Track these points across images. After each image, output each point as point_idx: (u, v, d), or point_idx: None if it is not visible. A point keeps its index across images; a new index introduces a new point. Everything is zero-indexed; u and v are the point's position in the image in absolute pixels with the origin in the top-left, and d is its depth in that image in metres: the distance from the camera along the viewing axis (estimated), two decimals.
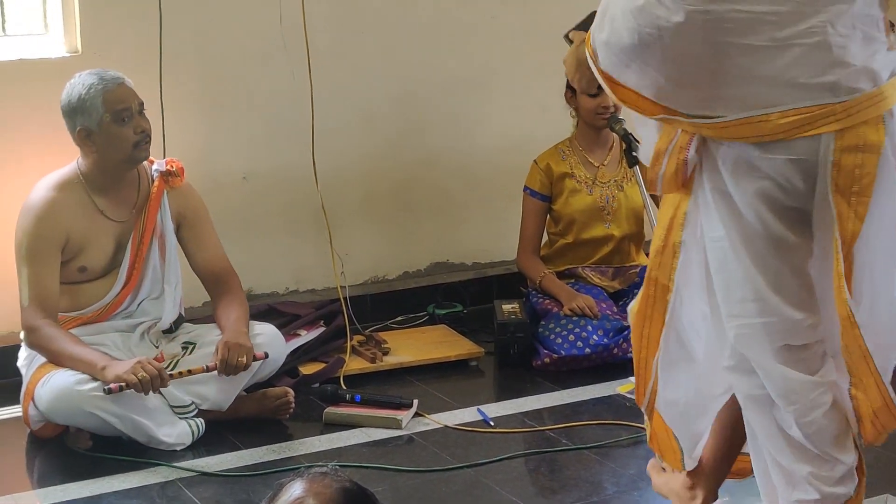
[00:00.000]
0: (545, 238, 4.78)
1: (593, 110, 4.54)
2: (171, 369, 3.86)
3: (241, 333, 3.91)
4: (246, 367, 3.82)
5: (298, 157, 4.67)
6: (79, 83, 3.86)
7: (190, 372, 3.81)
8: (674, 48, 2.60)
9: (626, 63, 2.70)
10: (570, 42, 3.08)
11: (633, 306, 2.99)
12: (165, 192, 4.02)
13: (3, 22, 4.38)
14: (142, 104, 3.90)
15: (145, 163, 3.99)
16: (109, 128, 3.83)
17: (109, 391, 3.64)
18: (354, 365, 4.37)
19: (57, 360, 3.79)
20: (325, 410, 4.01)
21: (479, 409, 4.06)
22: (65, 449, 3.79)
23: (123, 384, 3.64)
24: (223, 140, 4.65)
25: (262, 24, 4.62)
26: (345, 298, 4.61)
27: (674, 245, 2.84)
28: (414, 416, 4.00)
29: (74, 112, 3.85)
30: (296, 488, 1.82)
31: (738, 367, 2.83)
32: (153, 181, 4.01)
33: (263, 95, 4.68)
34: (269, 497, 1.84)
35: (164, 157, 4.14)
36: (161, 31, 4.40)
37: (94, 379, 3.70)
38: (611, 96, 2.84)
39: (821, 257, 2.73)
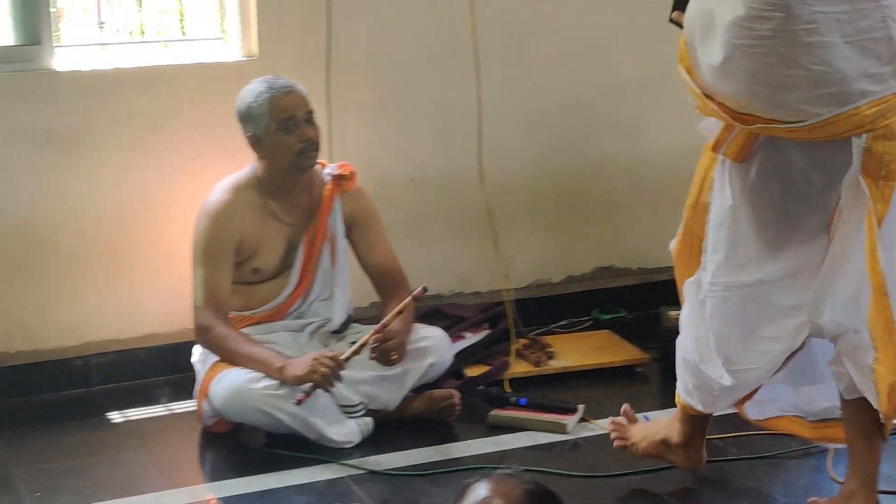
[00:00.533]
0: None
1: None
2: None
3: (404, 332, 3.95)
4: (395, 361, 3.85)
5: (465, 159, 4.70)
6: (250, 91, 3.96)
7: (360, 349, 3.84)
8: (768, 55, 2.88)
9: (723, 77, 2.98)
10: (678, 25, 3.28)
11: (673, 245, 3.45)
12: (337, 195, 4.08)
13: (183, 27, 4.51)
14: (310, 112, 3.97)
15: (318, 166, 4.06)
16: (275, 136, 3.91)
17: (299, 402, 3.72)
18: (519, 368, 4.37)
19: (230, 359, 3.88)
20: (491, 413, 4.03)
21: (644, 416, 4.02)
22: (238, 444, 3.89)
23: (309, 389, 3.71)
24: (390, 143, 4.70)
25: (430, 28, 4.66)
26: (509, 302, 4.62)
27: (703, 204, 3.29)
28: (579, 422, 4.00)
29: (245, 119, 3.95)
30: (481, 489, 1.84)
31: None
32: (325, 185, 4.08)
33: (431, 98, 4.72)
34: (455, 497, 1.86)
35: (331, 160, 4.22)
36: (329, 36, 4.48)
37: (268, 377, 3.78)
38: (703, 110, 3.15)
39: (849, 233, 3.03)
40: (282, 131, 3.91)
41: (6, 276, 4.22)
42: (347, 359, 3.82)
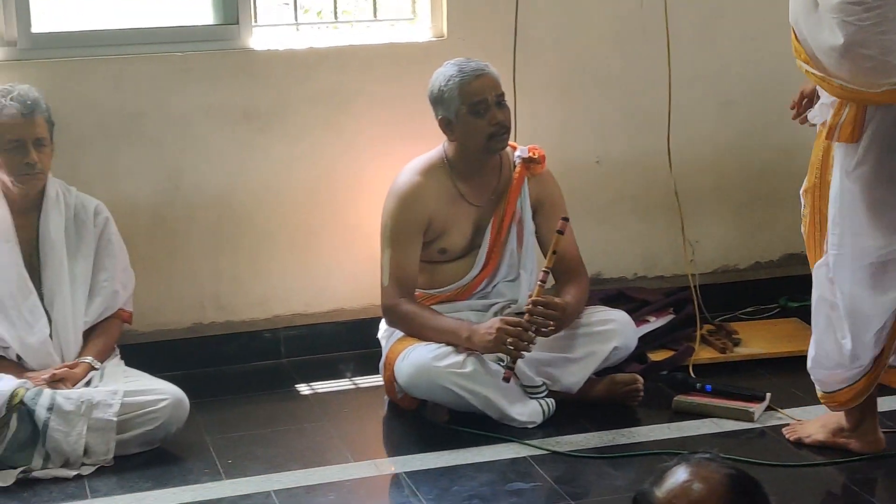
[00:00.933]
0: None
1: None
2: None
3: (572, 314, 3.95)
4: (547, 331, 3.84)
5: (653, 141, 4.65)
6: (442, 74, 3.98)
7: (532, 307, 3.84)
8: (880, 24, 3.08)
9: (843, 57, 3.17)
10: None
11: (803, 230, 3.67)
12: (526, 178, 4.08)
13: (375, 8, 4.56)
14: (500, 95, 3.97)
15: (508, 148, 4.07)
16: (466, 119, 3.93)
17: (507, 380, 3.77)
18: (704, 354, 4.32)
19: (418, 334, 3.93)
20: (675, 398, 3.99)
21: None
22: (422, 420, 3.94)
23: (509, 363, 3.75)
24: (576, 124, 4.68)
25: (620, 8, 4.62)
26: (694, 287, 4.57)
27: (827, 182, 3.49)
28: (766, 410, 3.93)
29: (436, 102, 3.98)
30: (681, 473, 1.82)
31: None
32: (515, 167, 4.08)
33: (619, 80, 4.68)
34: (652, 480, 1.85)
35: (516, 141, 4.22)
36: (517, 16, 4.48)
37: (454, 353, 3.82)
38: (832, 93, 3.32)
39: None
40: (472, 115, 3.93)
41: (202, 249, 4.35)
42: (531, 319, 3.81)
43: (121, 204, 4.14)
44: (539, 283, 3.89)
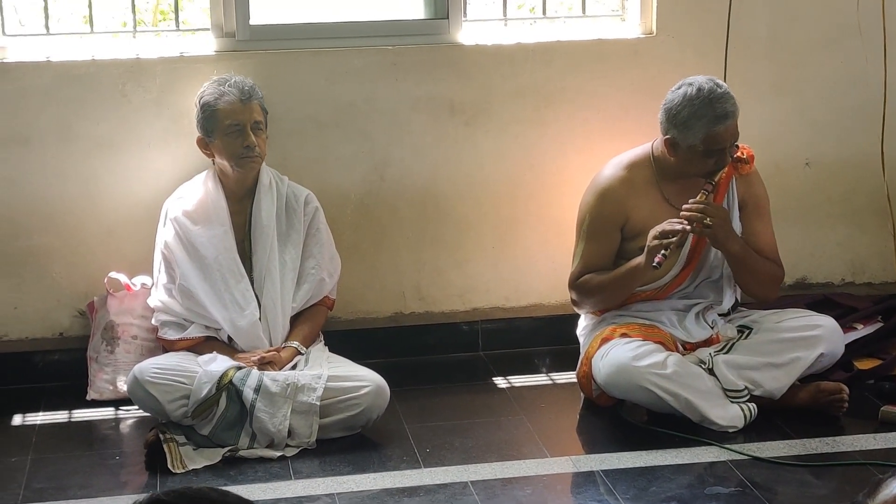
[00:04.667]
0: None
1: None
2: (727, 352, 3.88)
3: (745, 250, 3.93)
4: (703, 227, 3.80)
5: (865, 144, 4.52)
6: (691, 99, 3.83)
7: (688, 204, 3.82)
8: None
9: None
10: None
11: None
12: (734, 177, 4.02)
13: (584, 4, 4.55)
14: (735, 140, 3.88)
15: None
16: (694, 155, 3.85)
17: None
18: None
19: (605, 293, 3.96)
20: (882, 409, 3.87)
21: None
22: (619, 419, 3.92)
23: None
24: (787, 124, 4.58)
25: (836, 7, 4.50)
26: None
27: None
28: None
29: (674, 122, 3.86)
30: None
31: None
32: (725, 167, 4.01)
33: (832, 80, 4.56)
34: (866, 492, 1.80)
35: None
36: (730, 14, 4.41)
37: (655, 352, 3.79)
38: None
39: None
40: (705, 155, 3.87)
41: (405, 240, 4.42)
42: (685, 216, 3.79)
43: (329, 194, 4.24)
44: (703, 191, 3.85)
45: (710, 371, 3.85)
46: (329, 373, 3.79)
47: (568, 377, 4.23)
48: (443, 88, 4.35)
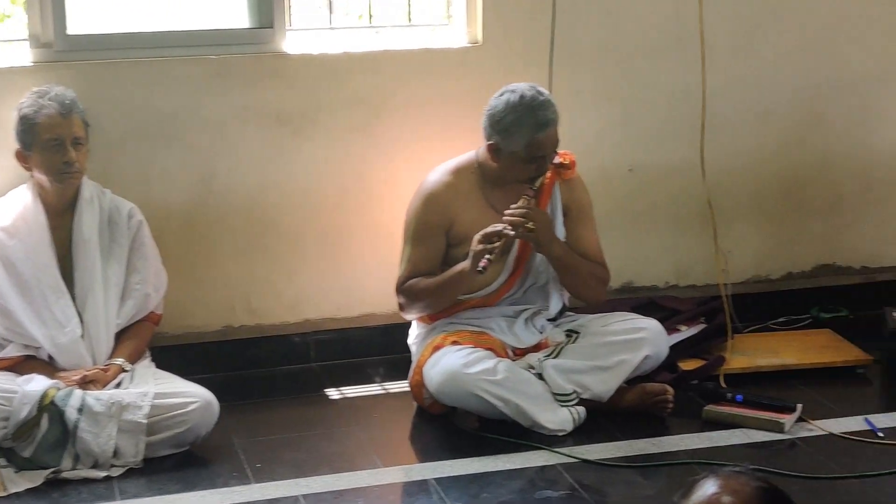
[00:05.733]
0: None
1: None
2: (556, 357, 3.93)
3: (568, 254, 3.98)
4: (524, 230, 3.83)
5: (686, 151, 4.63)
6: (514, 106, 3.87)
7: (532, 193, 3.88)
8: None
9: None
10: None
11: None
12: (557, 182, 4.07)
13: (409, 12, 4.56)
14: (556, 147, 3.92)
15: None
16: (516, 161, 3.90)
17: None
18: (735, 364, 4.29)
19: (431, 298, 3.96)
20: (705, 408, 3.97)
21: (866, 419, 3.91)
22: (451, 426, 3.93)
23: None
24: (611, 132, 4.66)
25: (656, 17, 4.60)
26: (726, 296, 4.54)
27: None
28: (797, 421, 3.90)
29: (496, 128, 3.90)
30: (710, 485, 1.80)
31: None
32: (547, 172, 4.06)
33: (654, 89, 4.66)
34: (682, 493, 1.83)
35: None
36: (554, 23, 4.47)
37: (485, 359, 3.81)
38: None
39: None
40: (527, 161, 3.91)
41: (234, 252, 4.36)
42: (507, 220, 3.82)
43: (154, 206, 4.15)
44: (525, 196, 3.88)
45: (540, 376, 3.89)
46: (155, 390, 3.72)
47: (401, 386, 4.23)
48: (269, 98, 4.30)
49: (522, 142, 3.86)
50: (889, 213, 4.93)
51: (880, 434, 3.81)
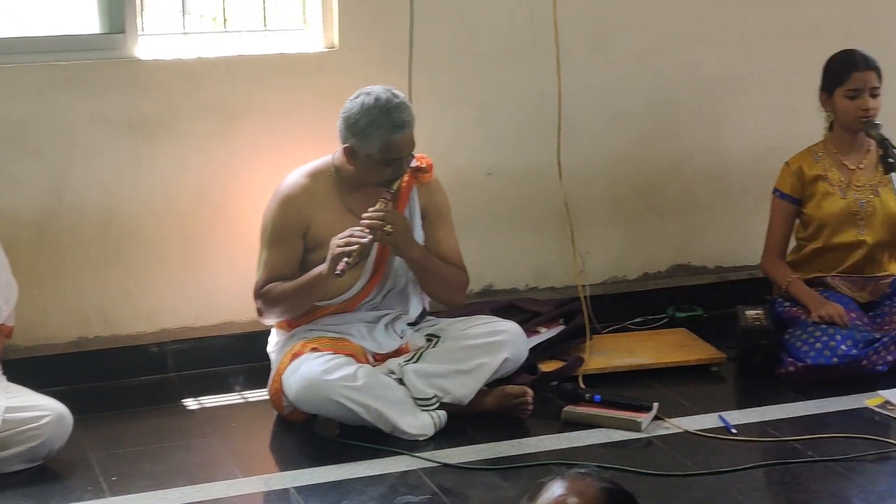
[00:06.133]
0: (793, 243, 4.65)
1: (852, 113, 4.40)
2: (416, 361, 3.93)
3: (428, 259, 3.99)
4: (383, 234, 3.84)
5: (544, 154, 4.68)
6: (368, 108, 3.86)
7: (390, 196, 3.88)
8: None
9: None
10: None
11: None
12: (414, 186, 4.08)
13: (265, 17, 4.52)
14: (412, 150, 3.93)
15: None
16: (373, 163, 3.90)
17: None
18: (594, 364, 4.35)
19: (289, 302, 3.93)
20: (564, 409, 4.01)
21: (720, 416, 3.99)
22: (312, 434, 3.91)
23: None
24: (469, 135, 4.69)
25: (512, 23, 4.65)
26: (584, 297, 4.60)
27: None
28: (653, 420, 3.96)
29: (350, 131, 3.88)
30: (556, 487, 1.82)
31: None
32: (404, 176, 4.06)
33: (511, 92, 4.70)
34: (529, 495, 1.85)
35: None
36: (412, 28, 4.48)
37: (345, 365, 3.80)
38: None
39: None
40: (383, 163, 3.90)
41: (87, 261, 4.28)
42: (371, 227, 3.82)
43: (3, 216, 4.06)
44: (382, 199, 3.89)
45: (401, 381, 3.89)
46: (6, 404, 3.62)
47: (261, 395, 4.19)
48: (121, 105, 4.23)
49: (378, 144, 3.86)
50: (741, 214, 5.04)
51: (733, 430, 3.89)
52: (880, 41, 5.00)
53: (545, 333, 4.41)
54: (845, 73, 4.41)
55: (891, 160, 4.31)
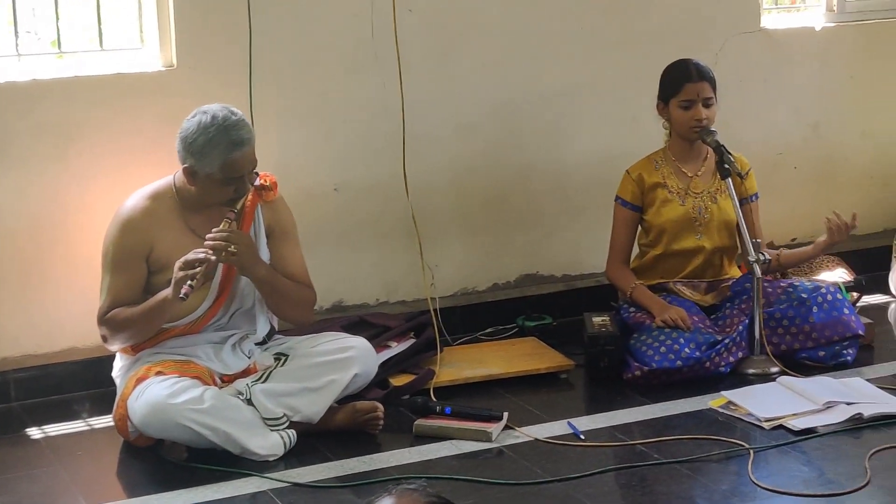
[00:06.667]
0: (635, 250, 4.74)
1: (686, 123, 4.51)
2: (264, 381, 3.90)
3: (270, 273, 3.95)
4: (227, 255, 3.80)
5: (389, 167, 4.69)
6: (206, 127, 3.81)
7: (234, 216, 3.85)
8: None
9: None
10: None
11: None
12: (259, 205, 4.05)
13: (101, 37, 4.45)
14: (253, 168, 3.90)
15: None
16: (213, 183, 3.85)
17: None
18: (444, 376, 4.36)
19: (134, 328, 3.86)
20: (416, 422, 4.01)
21: (569, 423, 4.04)
22: (159, 459, 3.84)
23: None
24: (315, 151, 4.68)
25: (353, 37, 4.65)
26: (435, 310, 4.62)
27: None
28: (504, 429, 3.99)
29: (190, 151, 3.83)
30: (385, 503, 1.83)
31: None
32: (248, 195, 4.03)
33: (355, 107, 4.70)
34: None
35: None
36: (251, 44, 4.45)
37: (191, 388, 3.75)
38: None
39: None
40: (224, 183, 3.85)
41: None
42: (215, 248, 3.77)
43: None
44: (226, 219, 3.85)
45: (249, 401, 3.86)
46: None
47: (106, 421, 4.09)
48: None
49: (217, 163, 3.82)
50: (585, 223, 5.12)
51: (582, 437, 3.94)
52: (713, 52, 5.14)
53: (396, 348, 4.41)
54: (679, 83, 4.52)
55: (726, 166, 4.44)
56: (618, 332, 4.44)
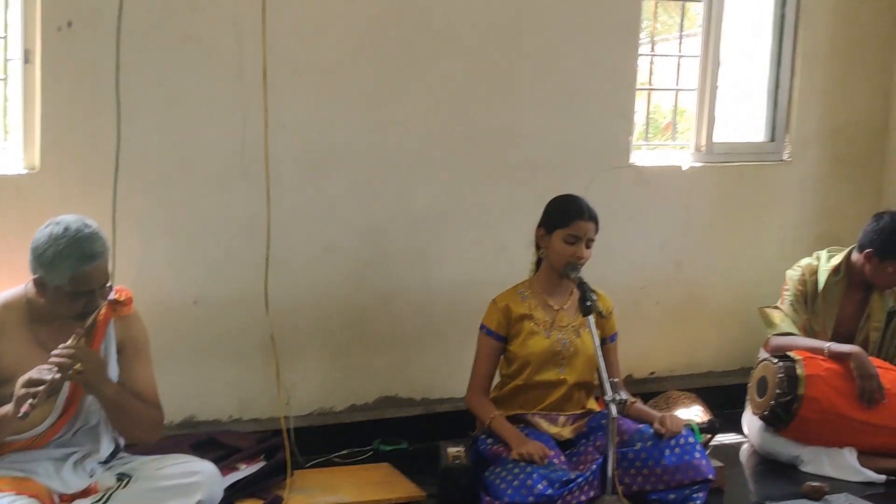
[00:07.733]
0: (496, 378, 4.73)
1: (566, 257, 4.52)
2: (105, 502, 3.78)
3: (118, 393, 3.84)
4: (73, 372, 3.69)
5: (251, 284, 4.63)
6: (56, 239, 3.72)
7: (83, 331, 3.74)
8: None
9: None
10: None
11: None
12: (112, 320, 3.95)
13: None
14: (105, 283, 3.82)
15: None
16: (63, 296, 3.76)
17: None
18: (294, 503, 4.27)
19: None
20: None
21: None
22: None
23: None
24: (176, 263, 4.60)
25: (223, 148, 4.61)
26: (288, 430, 4.54)
27: None
28: None
29: (40, 262, 3.74)
30: None
31: None
32: (100, 309, 3.93)
33: (220, 221, 4.65)
34: None
35: (113, 279, 4.07)
36: (118, 151, 4.37)
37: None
38: None
39: None
40: (73, 296, 3.76)
41: None
42: (60, 365, 3.65)
43: None
44: (75, 335, 3.74)
45: None
46: None
47: None
48: None
49: (67, 275, 3.72)
50: (447, 347, 5.11)
51: None
52: (583, 185, 5.18)
53: (245, 470, 4.32)
54: (570, 218, 4.53)
55: (588, 303, 4.46)
56: (471, 465, 4.40)
